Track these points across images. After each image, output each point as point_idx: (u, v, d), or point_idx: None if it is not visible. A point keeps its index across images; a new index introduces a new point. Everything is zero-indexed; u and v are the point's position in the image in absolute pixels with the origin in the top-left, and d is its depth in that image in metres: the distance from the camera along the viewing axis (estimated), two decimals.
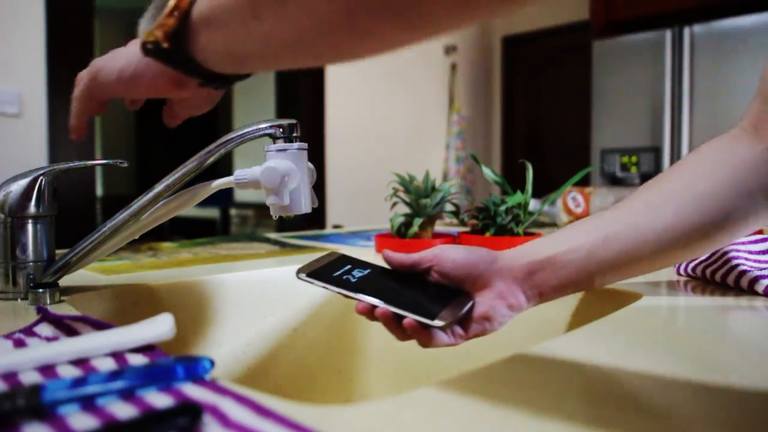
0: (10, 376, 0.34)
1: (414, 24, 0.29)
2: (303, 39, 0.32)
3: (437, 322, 0.46)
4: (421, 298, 0.50)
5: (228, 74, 0.43)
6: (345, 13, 0.29)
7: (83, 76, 0.53)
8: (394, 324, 0.49)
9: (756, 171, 0.54)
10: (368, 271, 0.53)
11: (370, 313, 0.50)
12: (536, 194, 1.14)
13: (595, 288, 0.53)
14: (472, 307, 0.50)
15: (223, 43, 0.38)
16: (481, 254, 0.52)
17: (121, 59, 0.49)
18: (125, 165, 0.62)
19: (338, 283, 0.51)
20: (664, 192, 0.54)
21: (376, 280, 0.52)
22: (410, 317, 0.47)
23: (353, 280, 0.52)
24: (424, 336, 0.48)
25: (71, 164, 0.59)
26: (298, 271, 0.51)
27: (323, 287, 0.50)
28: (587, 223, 0.54)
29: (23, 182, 0.59)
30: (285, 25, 0.32)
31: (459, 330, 0.50)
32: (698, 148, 0.59)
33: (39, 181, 0.59)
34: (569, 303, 0.70)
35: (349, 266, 0.54)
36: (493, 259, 0.52)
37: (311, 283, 0.51)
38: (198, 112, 0.54)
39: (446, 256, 0.52)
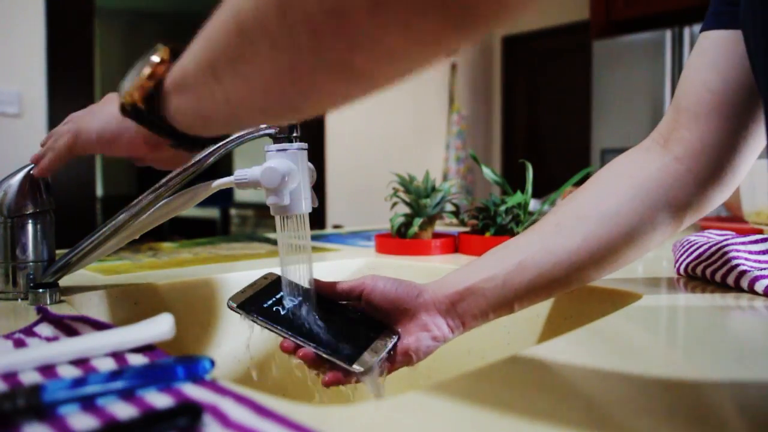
0: (10, 376, 0.34)
1: (349, 77, 0.29)
2: (255, 97, 0.33)
3: (356, 368, 0.48)
4: (347, 336, 0.51)
5: (198, 136, 0.44)
6: (288, 69, 0.29)
7: (63, 133, 0.55)
8: (316, 363, 0.50)
9: (661, 183, 0.55)
10: (299, 299, 0.55)
11: (294, 351, 0.51)
12: (536, 194, 1.14)
13: (516, 312, 0.54)
14: (397, 343, 0.52)
15: (191, 106, 0.39)
16: (407, 288, 0.54)
17: (100, 119, 0.51)
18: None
19: (267, 316, 0.52)
20: (573, 212, 0.55)
21: (305, 312, 0.54)
22: (332, 362, 0.49)
23: (282, 312, 0.53)
24: (347, 376, 0.50)
25: None
26: (229, 300, 0.53)
27: (252, 321, 0.52)
28: (504, 250, 0.55)
29: (14, 181, 0.60)
30: (239, 84, 0.33)
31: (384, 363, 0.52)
32: (611, 162, 0.59)
33: (28, 177, 0.60)
34: (569, 303, 0.70)
35: (281, 294, 0.55)
36: (418, 293, 0.53)
37: (239, 314, 0.52)
38: (164, 168, 0.55)
39: (375, 286, 0.54)
